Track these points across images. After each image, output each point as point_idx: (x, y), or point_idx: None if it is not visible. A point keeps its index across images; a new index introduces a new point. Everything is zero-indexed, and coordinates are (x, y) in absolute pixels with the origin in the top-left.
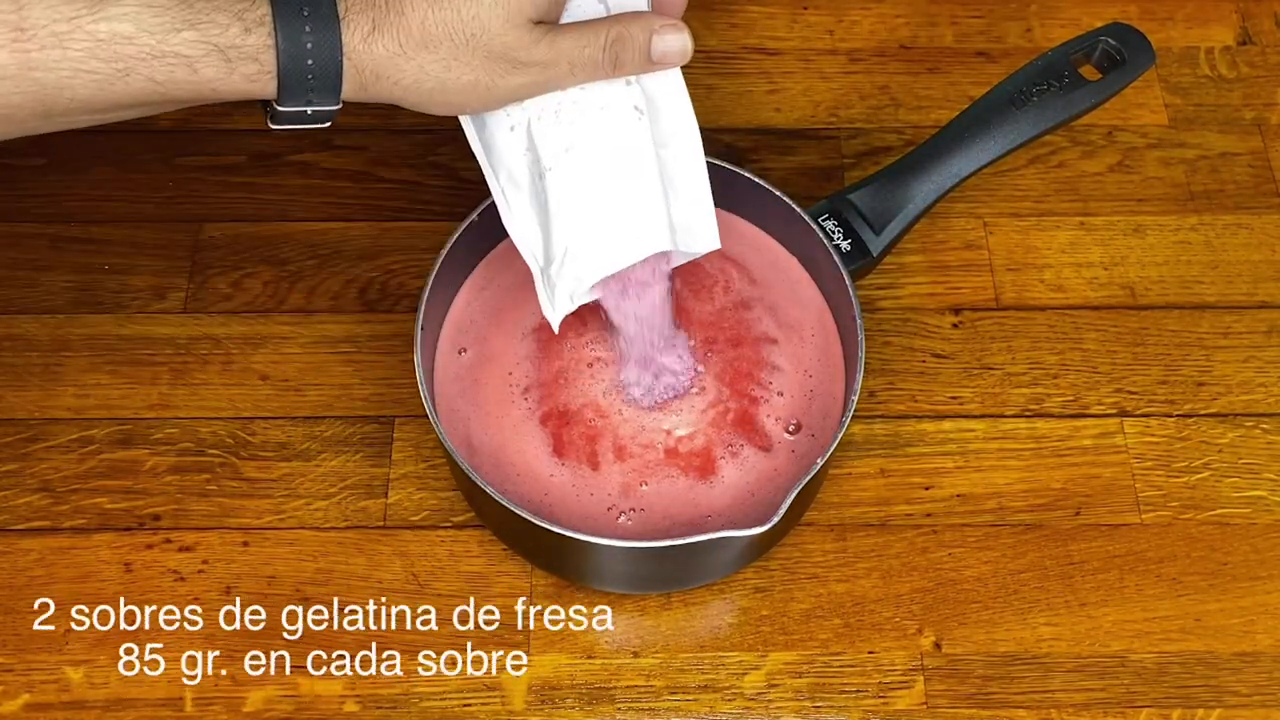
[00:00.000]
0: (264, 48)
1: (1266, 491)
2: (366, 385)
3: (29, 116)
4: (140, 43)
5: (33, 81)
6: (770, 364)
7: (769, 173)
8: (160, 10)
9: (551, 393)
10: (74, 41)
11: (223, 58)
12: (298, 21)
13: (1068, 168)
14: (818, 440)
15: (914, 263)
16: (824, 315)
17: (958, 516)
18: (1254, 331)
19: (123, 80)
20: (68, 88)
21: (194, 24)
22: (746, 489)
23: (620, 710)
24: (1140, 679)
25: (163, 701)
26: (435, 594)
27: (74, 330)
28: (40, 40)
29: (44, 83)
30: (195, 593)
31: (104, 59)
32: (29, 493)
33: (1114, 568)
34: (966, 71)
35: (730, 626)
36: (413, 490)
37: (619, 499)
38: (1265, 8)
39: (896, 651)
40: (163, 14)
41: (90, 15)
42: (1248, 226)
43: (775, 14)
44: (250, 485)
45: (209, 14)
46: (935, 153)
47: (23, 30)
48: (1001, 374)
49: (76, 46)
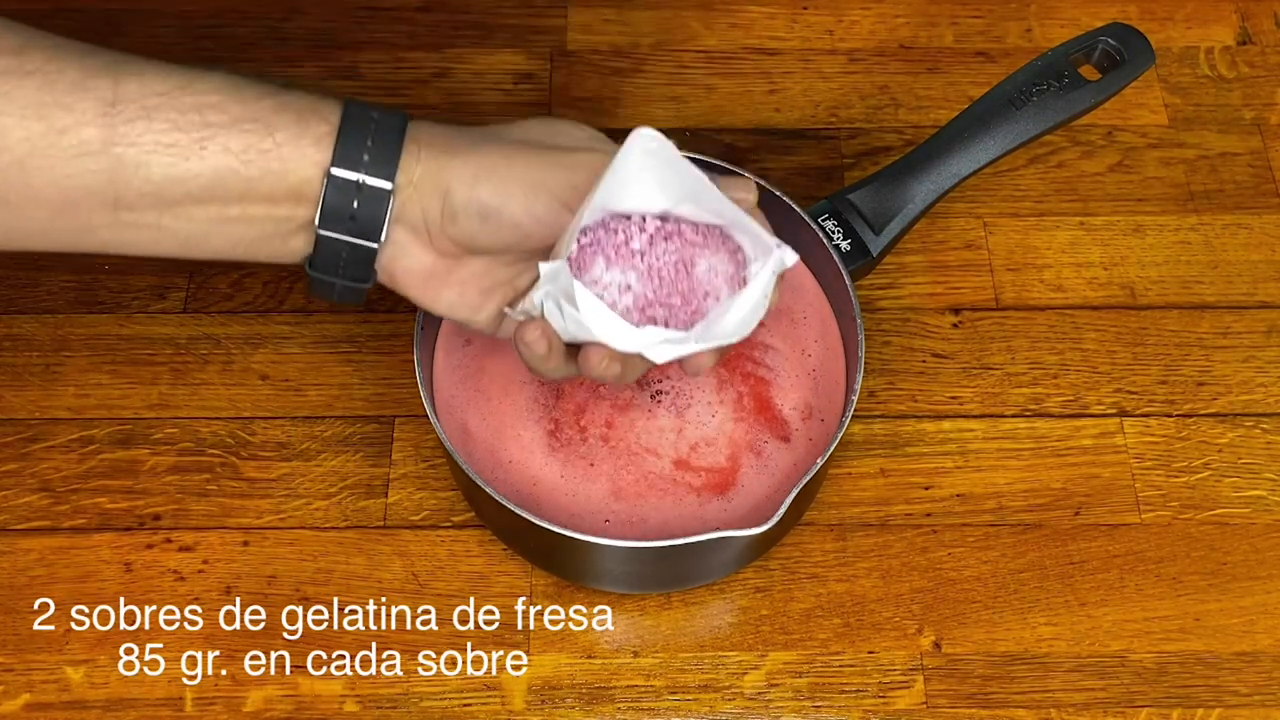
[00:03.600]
0: (333, 111)
1: (1266, 491)
2: (366, 385)
3: (97, 205)
4: (224, 109)
5: (112, 158)
6: (769, 365)
7: (769, 173)
8: (244, 86)
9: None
10: (160, 113)
11: (296, 118)
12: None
13: (1068, 168)
14: (815, 443)
15: (914, 263)
16: (824, 315)
17: (958, 516)
18: (1254, 331)
19: (199, 153)
20: (144, 165)
21: (274, 94)
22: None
23: (620, 710)
24: (1140, 679)
25: (163, 701)
26: (435, 594)
27: (74, 330)
28: (129, 114)
29: (123, 159)
30: (195, 593)
31: (186, 129)
32: (29, 493)
33: (1114, 567)
34: (966, 71)
35: (730, 626)
36: (413, 490)
37: (613, 501)
38: (1265, 8)
39: (896, 651)
40: (246, 88)
41: (181, 90)
42: (1247, 226)
43: (775, 14)
44: (250, 485)
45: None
46: (935, 153)
47: (114, 105)
48: (1001, 374)
49: (162, 118)
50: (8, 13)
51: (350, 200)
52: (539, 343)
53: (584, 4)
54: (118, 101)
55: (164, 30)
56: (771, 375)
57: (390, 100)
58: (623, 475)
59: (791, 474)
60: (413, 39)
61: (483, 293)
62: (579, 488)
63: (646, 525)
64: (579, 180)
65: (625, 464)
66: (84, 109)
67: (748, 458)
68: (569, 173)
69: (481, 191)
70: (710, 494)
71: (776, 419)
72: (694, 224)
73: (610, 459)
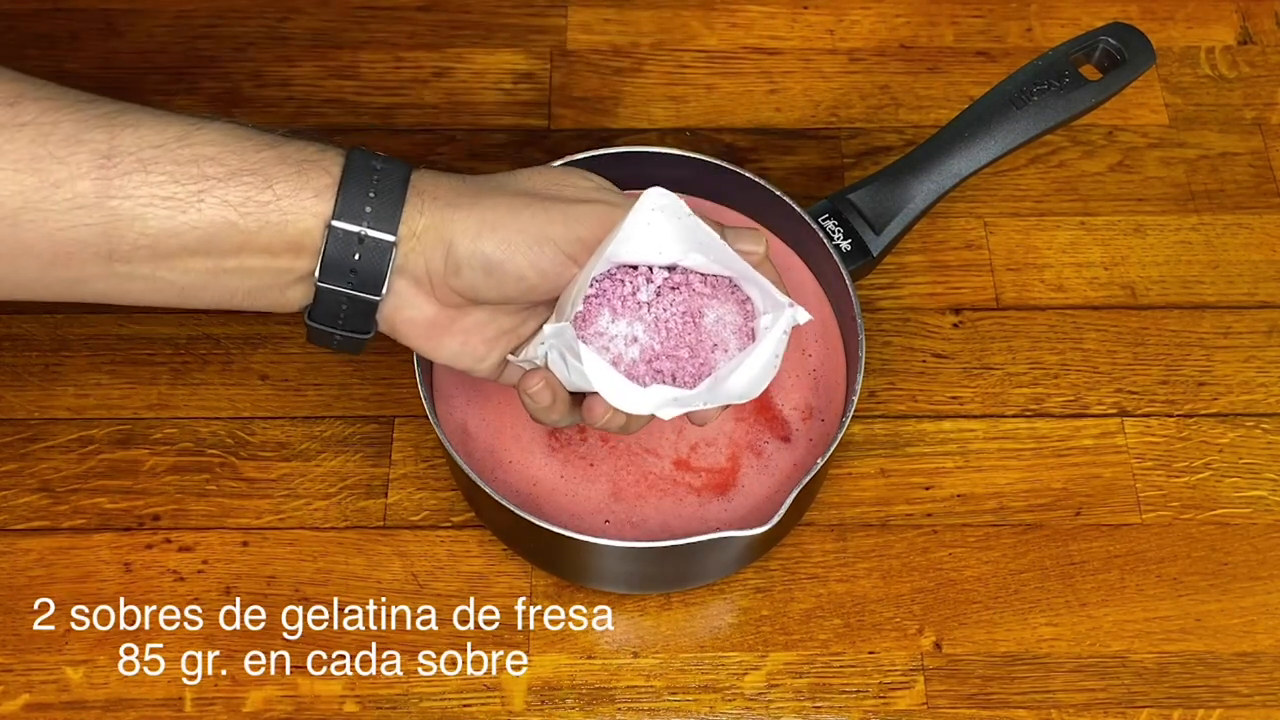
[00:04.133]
0: (335, 163)
1: (1267, 491)
2: (366, 385)
3: (91, 257)
4: (222, 161)
5: (108, 211)
6: None
7: (769, 172)
8: (244, 136)
9: None
10: (158, 166)
11: (296, 170)
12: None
13: (1068, 167)
14: (815, 443)
15: (914, 262)
16: (824, 315)
17: (958, 516)
18: (1254, 331)
19: (196, 205)
20: (140, 218)
21: (273, 145)
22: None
23: (620, 710)
24: (1141, 679)
25: (163, 701)
26: (435, 594)
27: (74, 330)
28: (125, 167)
29: (118, 212)
30: (195, 593)
31: (182, 181)
32: (29, 493)
33: (1114, 568)
34: (967, 71)
35: (730, 626)
36: (412, 490)
37: (613, 501)
38: (1265, 7)
39: (897, 652)
40: (245, 139)
41: (179, 141)
42: (1248, 226)
43: (775, 14)
44: (250, 485)
45: (289, 139)
46: (935, 152)
47: (109, 159)
48: (1002, 374)
49: (159, 170)
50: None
51: (352, 253)
52: (543, 394)
53: (584, 4)
54: (113, 154)
55: (162, 30)
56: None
57: (390, 100)
58: (623, 475)
59: (792, 474)
60: (413, 39)
61: (486, 342)
62: (579, 488)
63: (646, 525)
64: (584, 233)
65: (625, 464)
66: (79, 162)
67: (748, 458)
68: (575, 226)
69: (485, 244)
70: (710, 494)
71: (777, 419)
72: (702, 275)
73: (610, 459)
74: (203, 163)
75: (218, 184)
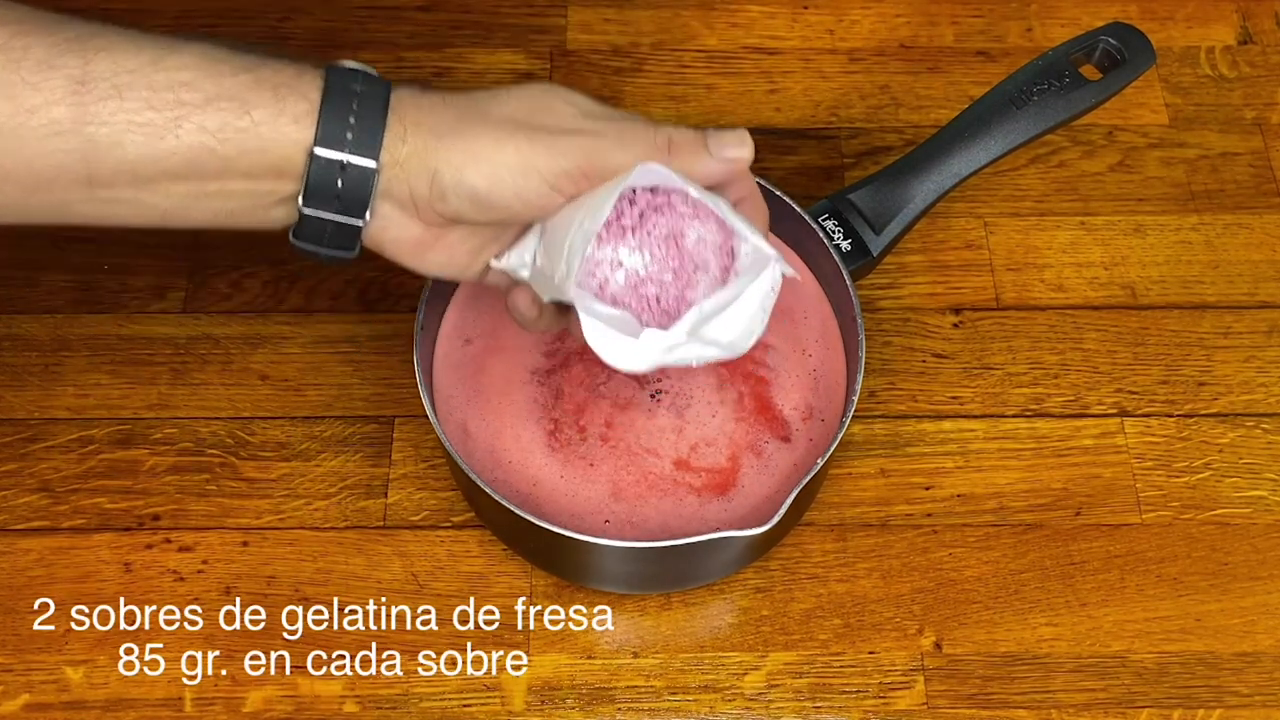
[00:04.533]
0: (313, 87)
1: (1267, 491)
2: (366, 385)
3: (71, 182)
4: (198, 86)
5: (85, 138)
6: (769, 365)
7: (769, 172)
8: (220, 59)
9: (556, 382)
10: (132, 91)
11: (274, 94)
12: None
13: (1068, 167)
14: (815, 443)
15: (914, 262)
16: (824, 315)
17: (958, 516)
18: (1255, 331)
19: (174, 132)
20: (118, 144)
21: (250, 69)
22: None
23: (620, 710)
24: (1141, 679)
25: (163, 701)
26: (435, 594)
27: (74, 330)
28: (100, 92)
29: (95, 139)
30: (195, 593)
31: (159, 107)
32: (29, 493)
33: (1114, 568)
34: (967, 71)
35: (730, 627)
36: (412, 490)
37: (613, 502)
38: (1265, 7)
39: (897, 652)
40: (222, 62)
41: (153, 66)
42: (1248, 226)
43: (775, 14)
44: (250, 485)
45: (266, 61)
46: (935, 152)
47: (84, 84)
48: (1002, 374)
49: (134, 96)
50: None
51: (335, 179)
52: (530, 308)
53: (584, 3)
54: (87, 80)
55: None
56: (772, 375)
57: None
58: (623, 475)
59: (792, 474)
60: (413, 38)
61: (470, 253)
62: (579, 488)
63: (646, 525)
64: (569, 165)
65: (625, 464)
66: (53, 88)
67: (748, 458)
68: (559, 159)
69: (470, 176)
70: (710, 494)
71: (777, 419)
72: (684, 194)
73: (610, 459)
74: (178, 88)
75: (194, 110)
